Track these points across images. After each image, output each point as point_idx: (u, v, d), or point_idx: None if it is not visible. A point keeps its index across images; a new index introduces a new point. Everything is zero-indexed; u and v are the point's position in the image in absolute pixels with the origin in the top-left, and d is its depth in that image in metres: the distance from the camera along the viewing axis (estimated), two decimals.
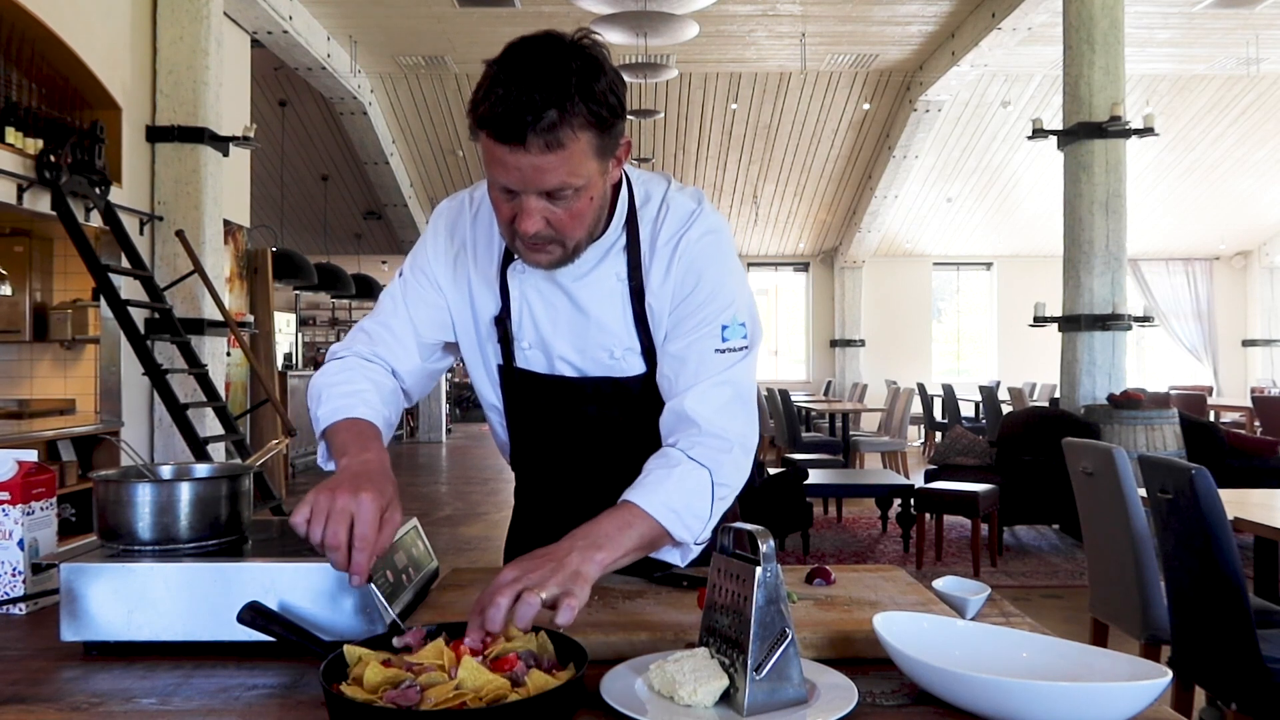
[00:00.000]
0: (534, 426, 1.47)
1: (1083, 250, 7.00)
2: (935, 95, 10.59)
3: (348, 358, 1.38)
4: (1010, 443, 6.68)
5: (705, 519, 1.22)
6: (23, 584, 1.28)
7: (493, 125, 1.13)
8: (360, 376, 1.34)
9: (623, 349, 1.36)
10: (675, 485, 1.19)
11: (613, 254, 1.34)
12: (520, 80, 1.12)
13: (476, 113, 1.15)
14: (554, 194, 1.18)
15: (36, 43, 5.38)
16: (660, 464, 1.22)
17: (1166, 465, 2.65)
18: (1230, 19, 9.15)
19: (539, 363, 1.40)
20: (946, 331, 16.54)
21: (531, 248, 1.24)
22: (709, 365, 1.29)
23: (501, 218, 1.24)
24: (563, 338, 1.37)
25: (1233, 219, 14.35)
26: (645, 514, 1.16)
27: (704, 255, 1.33)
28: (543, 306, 1.37)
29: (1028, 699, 0.85)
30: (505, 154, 1.14)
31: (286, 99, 11.01)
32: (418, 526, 1.40)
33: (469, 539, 7.01)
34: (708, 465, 1.22)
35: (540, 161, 1.14)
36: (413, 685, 0.87)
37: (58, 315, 7.50)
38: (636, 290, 1.34)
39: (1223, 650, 2.50)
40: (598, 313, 1.35)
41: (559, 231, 1.22)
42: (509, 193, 1.19)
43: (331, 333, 21.97)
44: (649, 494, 1.17)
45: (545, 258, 1.26)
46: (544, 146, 1.13)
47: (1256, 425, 10.09)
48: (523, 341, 1.39)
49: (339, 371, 1.35)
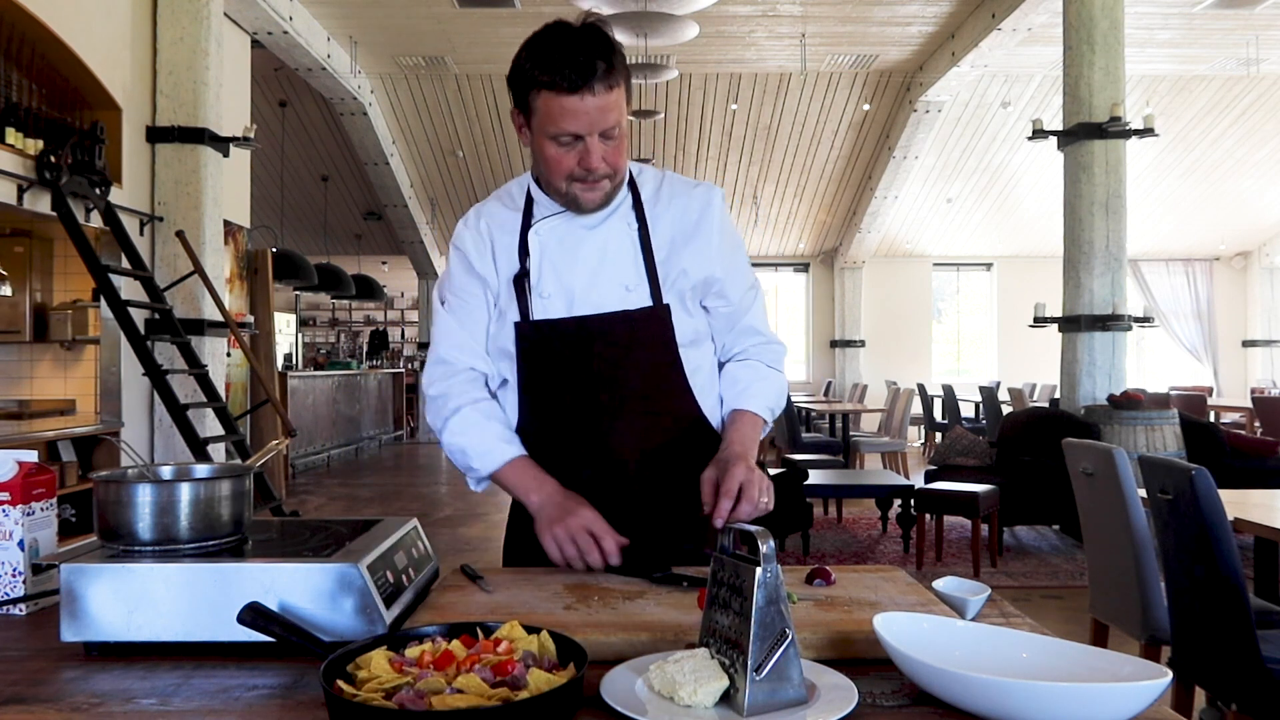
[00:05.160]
0: (545, 374, 1.60)
1: (1083, 250, 7.00)
2: (935, 96, 10.59)
3: (463, 408, 1.58)
4: (1010, 443, 6.68)
5: (783, 407, 1.69)
6: (23, 584, 1.28)
7: (564, 79, 1.41)
8: (482, 419, 1.58)
9: (635, 283, 1.58)
10: (769, 387, 1.65)
11: (622, 208, 1.61)
12: (575, 44, 1.42)
13: (538, 80, 1.43)
14: (608, 134, 1.46)
15: (36, 43, 5.38)
16: (752, 374, 1.65)
17: (1166, 466, 2.65)
18: (1230, 19, 9.16)
19: (557, 309, 1.57)
20: (946, 332, 16.54)
21: (591, 186, 1.51)
22: (747, 295, 1.67)
23: (562, 170, 1.49)
24: (583, 276, 1.57)
25: (1233, 219, 14.35)
26: (759, 416, 1.62)
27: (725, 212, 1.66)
28: (565, 254, 1.58)
29: (1028, 699, 0.85)
30: (574, 103, 1.42)
31: (286, 99, 11.02)
32: (418, 526, 1.41)
33: (469, 539, 7.01)
34: (779, 369, 1.70)
35: (603, 102, 1.43)
36: (420, 694, 0.87)
37: (58, 315, 7.50)
38: (643, 235, 1.60)
39: (1223, 650, 2.50)
40: (614, 252, 1.59)
41: (611, 165, 1.50)
42: (570, 143, 1.46)
43: (331, 333, 21.97)
44: (757, 400, 1.62)
45: (598, 195, 1.53)
46: (606, 89, 1.43)
47: (1256, 426, 10.09)
48: (543, 290, 1.57)
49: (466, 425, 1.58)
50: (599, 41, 1.43)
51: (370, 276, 14.30)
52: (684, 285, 1.59)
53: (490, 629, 1.01)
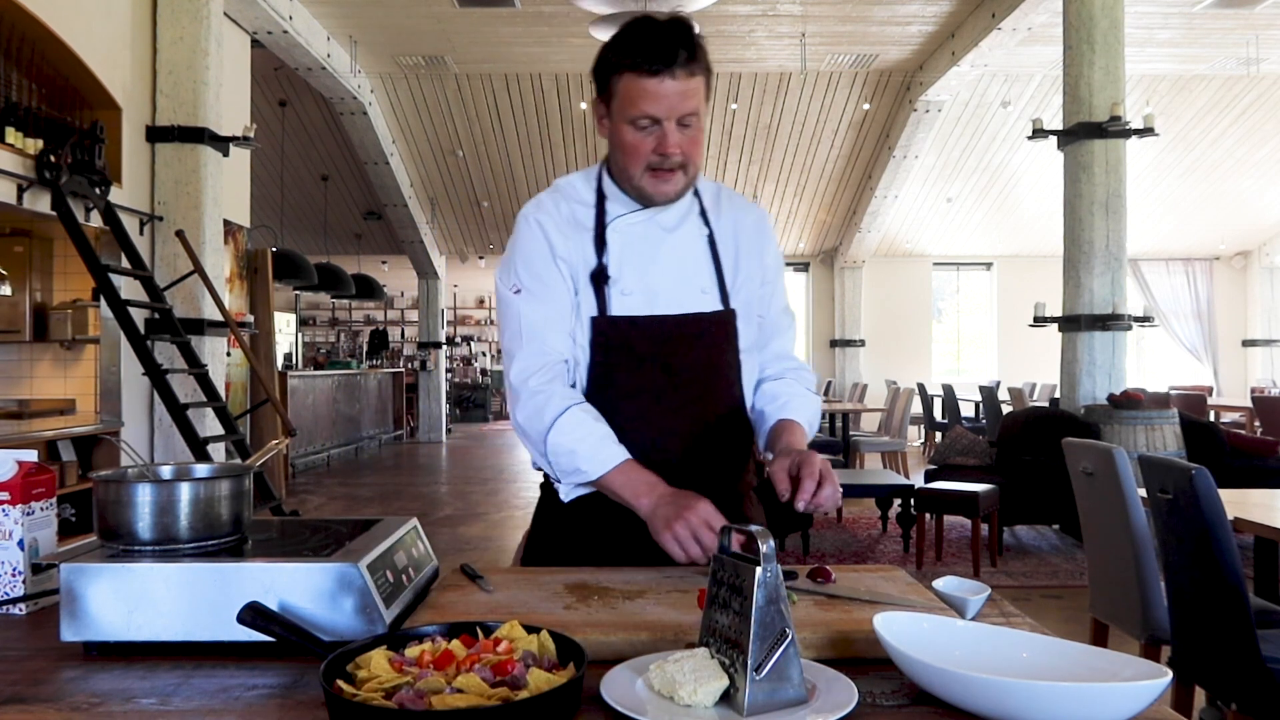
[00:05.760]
0: (616, 367, 1.60)
1: (1083, 250, 7.00)
2: (935, 95, 10.59)
3: (571, 408, 1.54)
4: (1010, 443, 6.68)
5: (816, 428, 1.68)
6: (23, 584, 1.28)
7: (646, 60, 1.46)
8: (591, 420, 1.54)
9: (708, 286, 1.63)
10: (808, 405, 1.68)
11: (692, 213, 1.66)
12: (659, 30, 1.48)
13: (621, 63, 1.49)
14: (685, 121, 1.50)
15: (36, 43, 5.38)
16: (792, 391, 1.69)
17: (1166, 465, 2.65)
18: (1230, 19, 9.16)
19: (636, 306, 1.60)
20: (946, 331, 16.54)
21: (664, 176, 1.54)
22: (784, 319, 1.75)
23: (638, 156, 1.52)
24: (664, 276, 1.61)
25: (1233, 219, 14.35)
26: (804, 429, 1.63)
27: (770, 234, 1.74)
28: (645, 253, 1.61)
29: (1028, 699, 0.85)
30: (654, 85, 1.47)
31: (286, 99, 11.01)
32: (418, 526, 1.41)
33: (469, 539, 7.01)
34: (813, 392, 1.73)
35: (683, 87, 1.47)
36: (420, 694, 0.87)
37: (58, 315, 7.50)
38: (712, 242, 1.66)
39: (1223, 650, 2.50)
40: (690, 256, 1.64)
41: (687, 155, 1.53)
42: (648, 127, 1.50)
43: (331, 332, 21.97)
44: (800, 413, 1.65)
45: (672, 187, 1.56)
46: (687, 74, 1.47)
47: (1256, 425, 10.09)
48: (624, 288, 1.59)
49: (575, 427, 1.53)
50: (682, 31, 1.48)
51: (370, 276, 14.29)
52: (746, 294, 1.66)
53: (490, 629, 1.01)
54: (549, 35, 9.40)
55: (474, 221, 14.27)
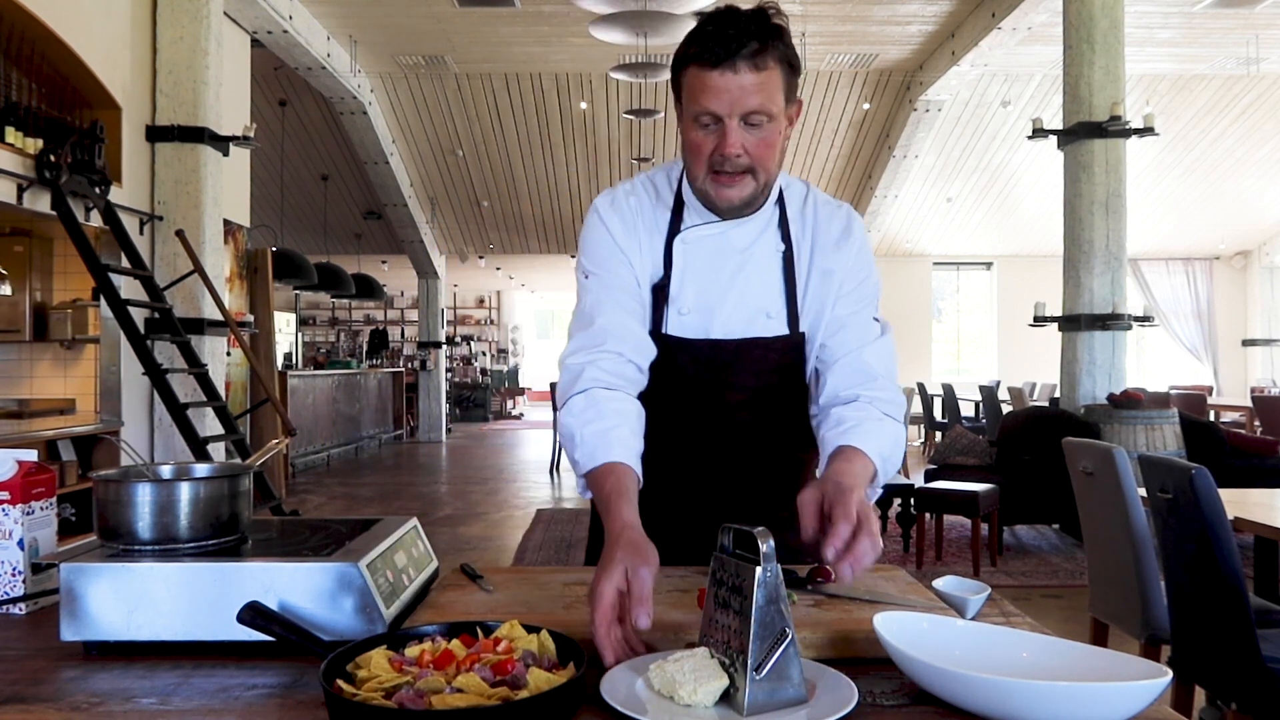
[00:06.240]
0: (664, 386, 1.49)
1: (1083, 250, 7.00)
2: (935, 95, 10.59)
3: (592, 390, 1.38)
4: (1010, 442, 6.68)
5: (897, 466, 1.41)
6: (23, 584, 1.28)
7: (707, 51, 1.32)
8: (608, 412, 1.35)
9: (776, 310, 1.49)
10: (884, 432, 1.38)
11: (771, 227, 1.50)
12: (729, 19, 1.33)
13: (686, 54, 1.35)
14: (752, 120, 1.34)
15: (36, 43, 5.37)
16: (863, 415, 1.40)
17: (1166, 465, 2.65)
18: (1230, 19, 9.15)
19: (691, 328, 1.49)
20: (946, 331, 16.54)
21: (729, 180, 1.39)
22: (869, 330, 1.50)
23: (701, 154, 1.38)
24: (726, 298, 1.49)
25: (1233, 219, 14.35)
26: (869, 458, 1.33)
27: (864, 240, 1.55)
28: (710, 269, 1.49)
29: (1028, 699, 0.85)
30: (715, 78, 1.32)
31: (286, 99, 11.01)
32: (418, 526, 1.40)
33: (469, 539, 7.01)
34: (898, 419, 1.43)
35: (746, 81, 1.32)
36: (420, 693, 0.87)
37: (58, 315, 7.50)
38: (788, 259, 1.50)
39: (1223, 650, 2.50)
40: (760, 276, 1.49)
41: (754, 159, 1.38)
42: (711, 124, 1.36)
43: (331, 332, 21.98)
44: (869, 441, 1.35)
45: (738, 192, 1.41)
46: (751, 68, 1.31)
47: (1256, 425, 10.09)
48: (682, 305, 1.49)
49: (586, 409, 1.36)
50: (758, 22, 1.33)
51: (370, 276, 14.29)
52: (820, 314, 1.50)
53: (490, 628, 1.01)
54: (549, 35, 9.40)
55: (474, 221, 14.27)
